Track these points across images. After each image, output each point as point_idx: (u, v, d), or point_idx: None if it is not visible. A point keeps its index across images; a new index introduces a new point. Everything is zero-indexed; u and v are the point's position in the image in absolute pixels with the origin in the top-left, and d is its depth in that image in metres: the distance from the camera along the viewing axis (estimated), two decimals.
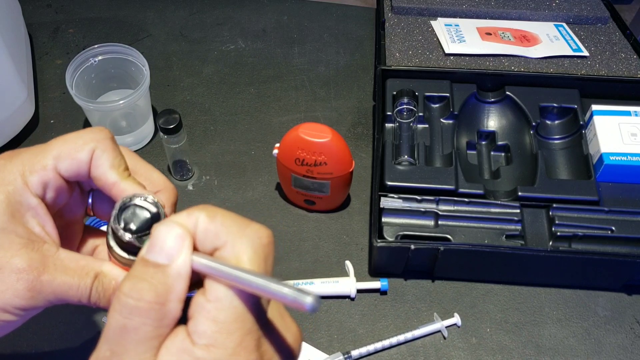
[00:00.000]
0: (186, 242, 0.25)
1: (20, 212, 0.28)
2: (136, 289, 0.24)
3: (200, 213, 0.25)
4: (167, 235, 0.25)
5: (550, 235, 0.55)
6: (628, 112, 0.62)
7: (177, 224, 0.25)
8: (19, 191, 0.28)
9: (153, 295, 0.23)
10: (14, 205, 0.28)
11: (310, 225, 0.61)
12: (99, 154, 0.30)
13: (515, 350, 0.52)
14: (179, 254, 0.24)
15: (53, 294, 0.28)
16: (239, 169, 0.66)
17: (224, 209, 0.26)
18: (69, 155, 0.29)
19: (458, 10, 0.79)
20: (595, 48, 0.73)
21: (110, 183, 0.30)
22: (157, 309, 0.24)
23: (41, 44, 0.81)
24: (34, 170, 0.29)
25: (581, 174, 0.60)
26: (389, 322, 0.54)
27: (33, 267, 0.28)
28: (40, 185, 0.29)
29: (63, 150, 0.29)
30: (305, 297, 0.21)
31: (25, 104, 0.66)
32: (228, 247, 0.25)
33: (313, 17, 0.86)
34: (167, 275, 0.24)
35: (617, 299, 0.56)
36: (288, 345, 0.26)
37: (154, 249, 0.25)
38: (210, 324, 0.23)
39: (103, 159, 0.30)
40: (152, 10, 0.86)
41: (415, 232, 0.54)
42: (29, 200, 0.29)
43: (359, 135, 0.70)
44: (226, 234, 0.25)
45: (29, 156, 0.29)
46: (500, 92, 0.67)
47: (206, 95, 0.74)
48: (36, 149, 0.30)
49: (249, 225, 0.25)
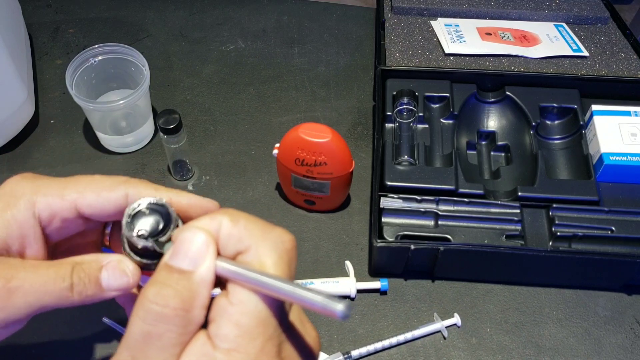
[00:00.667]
0: (210, 247, 0.24)
1: (8, 216, 0.27)
2: (161, 295, 0.23)
3: (223, 217, 0.25)
4: (191, 241, 0.24)
5: (550, 235, 0.55)
6: (628, 112, 0.63)
7: (201, 230, 0.24)
8: (20, 206, 0.28)
9: (179, 302, 0.23)
10: (9, 206, 0.28)
11: (310, 225, 0.61)
12: (133, 192, 0.29)
13: (515, 350, 0.52)
14: (204, 260, 0.24)
15: (26, 302, 0.26)
16: (239, 169, 0.66)
17: (246, 213, 0.26)
18: (99, 197, 0.28)
19: (458, 10, 0.79)
20: (595, 48, 0.73)
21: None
22: (183, 315, 0.23)
23: (41, 44, 0.80)
24: (47, 194, 0.28)
25: (581, 174, 0.60)
26: (389, 322, 0.54)
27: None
28: (47, 210, 0.28)
29: (90, 187, 0.29)
30: (337, 304, 0.21)
31: (25, 104, 0.66)
32: (252, 252, 0.24)
33: (313, 17, 0.86)
34: (192, 282, 0.24)
35: (617, 299, 0.56)
36: (309, 351, 0.26)
37: (178, 255, 0.24)
38: (232, 327, 0.23)
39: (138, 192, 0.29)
40: (152, 10, 0.86)
41: (415, 232, 0.54)
42: (26, 218, 0.28)
43: (359, 135, 0.70)
44: (249, 238, 0.25)
45: (50, 182, 0.29)
46: (500, 92, 0.67)
47: (206, 95, 0.74)
48: (63, 180, 0.29)
49: (273, 229, 0.25)
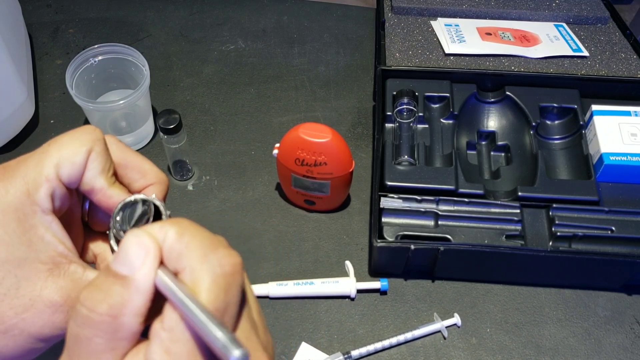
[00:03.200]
0: (151, 254, 0.23)
1: (38, 236, 0.27)
2: (90, 299, 0.22)
3: (171, 228, 0.23)
4: (133, 244, 0.23)
5: (550, 235, 0.55)
6: (628, 112, 0.63)
7: (146, 234, 0.23)
8: (30, 214, 0.27)
9: (106, 308, 0.22)
10: (30, 231, 0.27)
11: (310, 225, 0.61)
12: (94, 157, 0.28)
13: (515, 350, 0.52)
14: (142, 266, 0.22)
15: None
16: (239, 169, 0.66)
17: (198, 227, 0.24)
18: (69, 160, 0.28)
19: (458, 10, 0.79)
20: (595, 48, 0.73)
21: (97, 189, 0.29)
22: (109, 321, 0.22)
23: (41, 44, 0.80)
24: (38, 185, 0.27)
25: (581, 174, 0.60)
26: (389, 322, 0.54)
27: (65, 297, 0.26)
28: (48, 199, 0.27)
29: (62, 156, 0.28)
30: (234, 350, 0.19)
31: (25, 104, 0.66)
32: (187, 273, 0.23)
33: (313, 17, 0.86)
34: (125, 287, 0.22)
35: (617, 299, 0.56)
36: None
37: (118, 259, 0.23)
38: (162, 354, 0.21)
39: (96, 163, 0.28)
40: (152, 10, 0.86)
41: (415, 232, 0.54)
42: (42, 220, 0.27)
43: (359, 135, 0.70)
44: (188, 257, 0.23)
45: (27, 170, 0.27)
46: (500, 92, 0.67)
47: (206, 95, 0.74)
48: (34, 160, 0.28)
49: (215, 251, 0.23)
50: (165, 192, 0.32)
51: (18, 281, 0.26)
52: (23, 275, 0.26)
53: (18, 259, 0.26)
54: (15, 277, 0.26)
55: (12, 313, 0.26)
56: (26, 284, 0.26)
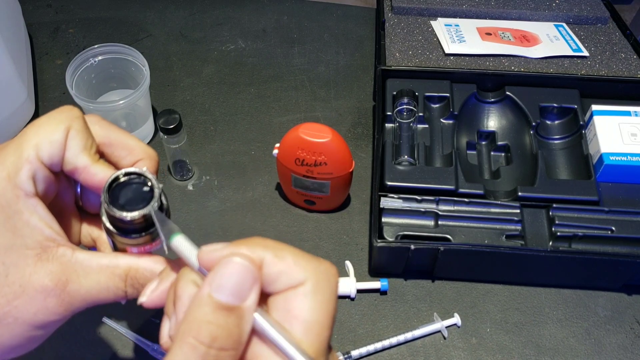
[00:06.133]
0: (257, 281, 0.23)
1: (23, 221, 0.27)
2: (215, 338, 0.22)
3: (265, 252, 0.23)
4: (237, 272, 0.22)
5: (550, 236, 0.55)
6: (628, 112, 0.62)
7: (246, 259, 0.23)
8: (13, 199, 0.26)
9: (232, 343, 0.22)
10: (13, 217, 0.26)
11: (310, 225, 0.61)
12: (73, 134, 0.28)
13: (515, 350, 0.52)
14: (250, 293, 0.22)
15: (84, 301, 0.27)
16: (239, 169, 0.66)
17: (283, 244, 0.25)
18: (47, 139, 0.27)
19: (458, 10, 0.79)
20: (595, 48, 0.73)
21: (80, 167, 0.28)
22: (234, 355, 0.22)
23: (41, 44, 0.81)
24: (18, 168, 0.27)
25: (581, 174, 0.60)
26: (389, 322, 0.54)
27: (56, 280, 0.26)
28: (30, 181, 0.27)
29: (40, 136, 0.27)
30: None
31: (25, 104, 0.66)
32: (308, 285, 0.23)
33: (313, 17, 0.86)
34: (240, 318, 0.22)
35: (617, 299, 0.56)
36: None
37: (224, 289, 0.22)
38: None
39: (76, 140, 0.28)
40: (152, 10, 0.86)
41: (415, 232, 0.54)
42: (27, 204, 0.27)
43: (359, 135, 0.70)
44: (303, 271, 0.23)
45: (7, 155, 0.27)
46: (500, 92, 0.67)
47: (206, 95, 0.74)
48: (13, 145, 0.28)
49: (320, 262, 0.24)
50: (155, 167, 0.31)
51: (6, 268, 0.26)
52: (11, 262, 0.26)
53: (4, 247, 0.26)
54: (3, 264, 0.26)
55: (3, 301, 0.26)
56: (15, 271, 0.26)
